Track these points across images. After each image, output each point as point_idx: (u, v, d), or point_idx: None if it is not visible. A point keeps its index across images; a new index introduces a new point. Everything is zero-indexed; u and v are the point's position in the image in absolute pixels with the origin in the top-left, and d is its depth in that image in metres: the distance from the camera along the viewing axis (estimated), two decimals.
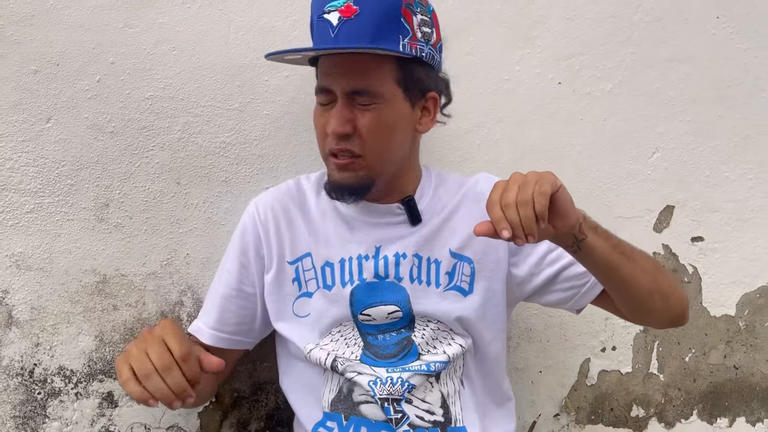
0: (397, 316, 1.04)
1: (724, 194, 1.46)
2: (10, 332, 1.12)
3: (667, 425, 1.47)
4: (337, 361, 1.03)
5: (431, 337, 1.05)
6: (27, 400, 1.13)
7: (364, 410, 1.03)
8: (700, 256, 1.47)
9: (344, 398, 1.04)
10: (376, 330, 1.04)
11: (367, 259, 1.04)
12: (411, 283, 1.04)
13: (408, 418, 1.03)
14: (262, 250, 1.07)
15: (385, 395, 1.02)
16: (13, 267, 1.12)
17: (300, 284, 1.06)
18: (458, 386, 1.07)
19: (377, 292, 1.04)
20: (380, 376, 1.02)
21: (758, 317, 1.51)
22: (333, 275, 1.05)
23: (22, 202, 1.11)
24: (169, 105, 1.17)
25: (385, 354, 1.04)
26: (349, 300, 1.04)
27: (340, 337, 1.05)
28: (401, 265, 1.04)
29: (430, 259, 1.05)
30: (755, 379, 1.52)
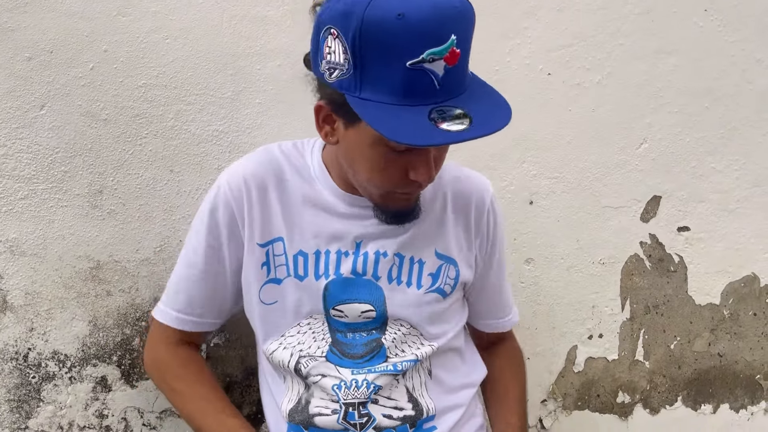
0: (370, 316, 0.98)
1: (710, 185, 1.46)
2: (5, 317, 1.11)
3: (653, 411, 1.48)
4: (300, 362, 0.98)
5: (401, 341, 1.00)
6: (21, 383, 1.13)
7: (318, 422, 0.98)
8: (686, 245, 1.47)
9: (301, 410, 0.99)
10: (346, 328, 0.99)
11: (347, 255, 0.98)
12: (389, 283, 0.99)
13: (374, 421, 0.97)
14: (237, 229, 0.98)
15: (350, 399, 0.97)
16: (7, 253, 1.11)
17: (269, 269, 0.98)
18: (425, 378, 1.02)
19: (352, 289, 0.98)
20: (345, 379, 0.97)
21: (742, 306, 1.52)
22: (306, 266, 0.98)
23: (16, 189, 1.10)
24: (162, 93, 1.16)
25: (352, 353, 0.99)
26: (322, 293, 0.98)
27: (308, 330, 0.99)
28: (380, 263, 0.98)
29: (414, 259, 1.00)
30: (739, 366, 1.53)
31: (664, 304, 1.47)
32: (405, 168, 0.87)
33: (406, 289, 0.99)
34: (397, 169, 0.87)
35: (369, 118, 0.79)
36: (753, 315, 1.52)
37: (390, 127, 0.78)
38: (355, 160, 0.90)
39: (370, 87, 0.80)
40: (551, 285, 1.40)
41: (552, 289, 1.40)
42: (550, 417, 1.42)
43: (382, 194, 0.93)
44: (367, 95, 0.80)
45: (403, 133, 0.77)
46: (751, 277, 1.51)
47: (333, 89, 0.83)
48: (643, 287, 1.45)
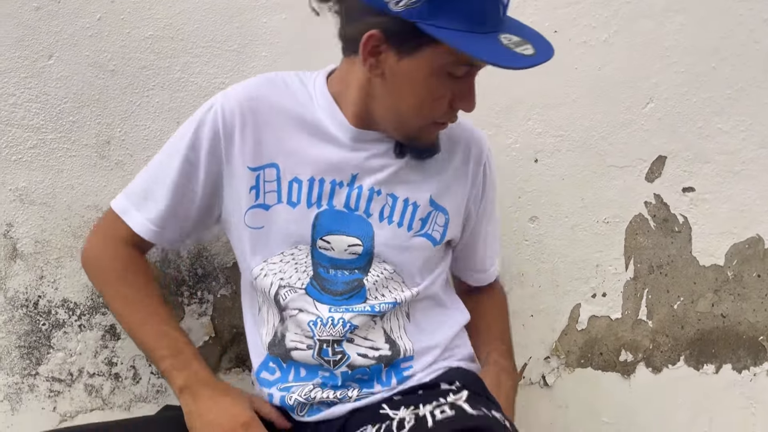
0: (356, 251, 0.97)
1: (716, 145, 1.45)
2: (15, 264, 1.12)
3: (655, 370, 1.48)
4: (280, 293, 0.97)
5: (382, 285, 0.98)
6: (32, 330, 1.14)
7: (295, 356, 0.98)
8: (690, 206, 1.46)
9: (278, 343, 0.99)
10: (330, 263, 0.97)
11: (341, 186, 0.96)
12: (380, 221, 0.97)
13: (348, 359, 0.96)
14: (219, 150, 0.95)
15: (325, 337, 0.96)
16: (17, 201, 1.12)
17: (258, 194, 0.96)
18: (403, 321, 1.01)
19: (343, 222, 0.96)
20: (321, 316, 0.96)
21: (746, 267, 1.51)
22: (300, 193, 0.96)
23: (25, 138, 1.11)
24: (169, 45, 1.15)
25: (332, 290, 0.97)
26: (312, 222, 0.96)
27: (291, 260, 0.97)
28: (373, 200, 0.97)
29: (408, 201, 0.99)
30: (742, 327, 1.52)
31: (668, 265, 1.46)
32: (453, 97, 0.91)
33: (396, 228, 0.98)
34: (446, 99, 0.90)
35: (455, 43, 0.81)
36: (757, 276, 1.52)
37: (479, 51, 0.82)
38: (404, 91, 0.90)
39: (444, 15, 0.81)
40: (555, 243, 1.39)
41: (556, 247, 1.40)
42: (552, 374, 1.42)
43: (422, 126, 0.94)
44: (441, 23, 0.82)
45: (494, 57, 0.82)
46: (755, 238, 1.50)
47: (392, 18, 0.83)
48: (648, 247, 1.44)
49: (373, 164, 0.97)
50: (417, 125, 0.94)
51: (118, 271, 0.99)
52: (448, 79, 0.88)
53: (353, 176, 0.97)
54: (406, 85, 0.89)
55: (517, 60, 0.82)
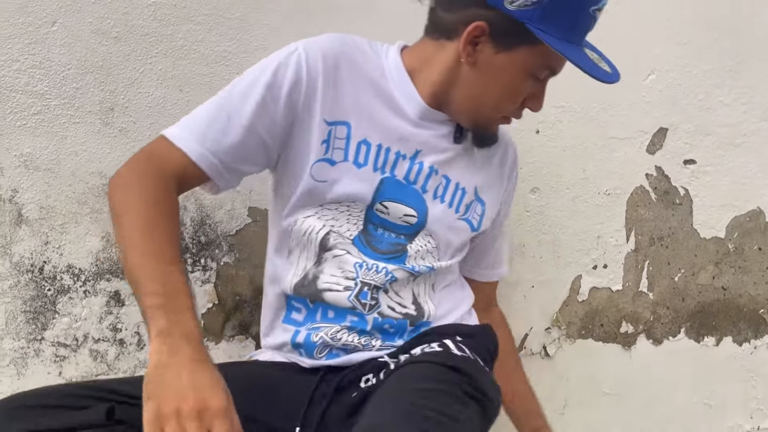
0: (409, 221, 1.01)
1: (717, 118, 1.45)
2: (20, 230, 1.13)
3: (655, 342, 1.48)
4: (330, 235, 0.98)
5: (423, 254, 1.02)
6: (37, 296, 1.15)
7: (327, 297, 0.98)
8: (691, 178, 1.46)
9: (308, 284, 0.99)
10: (381, 224, 1.00)
11: (404, 158, 0.99)
12: (433, 199, 1.02)
13: (379, 306, 0.99)
14: (298, 95, 0.93)
15: (367, 280, 0.99)
16: (22, 167, 1.12)
17: (328, 147, 0.96)
18: (428, 289, 1.05)
19: (402, 192, 1.00)
20: (366, 261, 0.99)
21: (747, 240, 1.51)
22: (367, 156, 0.98)
23: (29, 104, 1.11)
24: (172, 12, 1.16)
25: (376, 246, 1.00)
26: (376, 186, 0.98)
27: (346, 211, 0.99)
28: (431, 179, 1.01)
29: (459, 185, 1.03)
30: (743, 300, 1.52)
31: (669, 237, 1.46)
32: (525, 97, 0.98)
33: (446, 208, 1.03)
34: (521, 97, 0.98)
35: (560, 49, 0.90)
36: (758, 249, 1.52)
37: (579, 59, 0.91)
38: (491, 83, 0.96)
39: (550, 21, 0.89)
40: (557, 214, 1.40)
41: (557, 218, 1.40)
42: (553, 345, 1.43)
43: (493, 118, 1.00)
44: (545, 28, 0.90)
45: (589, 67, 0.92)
46: (756, 211, 1.50)
47: (500, 14, 0.89)
48: (649, 219, 1.45)
49: (435, 144, 1.01)
50: (490, 116, 1.00)
51: (149, 198, 0.88)
52: (530, 79, 0.96)
53: (417, 152, 1.00)
54: (495, 77, 0.95)
55: (602, 74, 0.94)
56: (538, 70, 0.95)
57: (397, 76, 1.00)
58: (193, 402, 0.72)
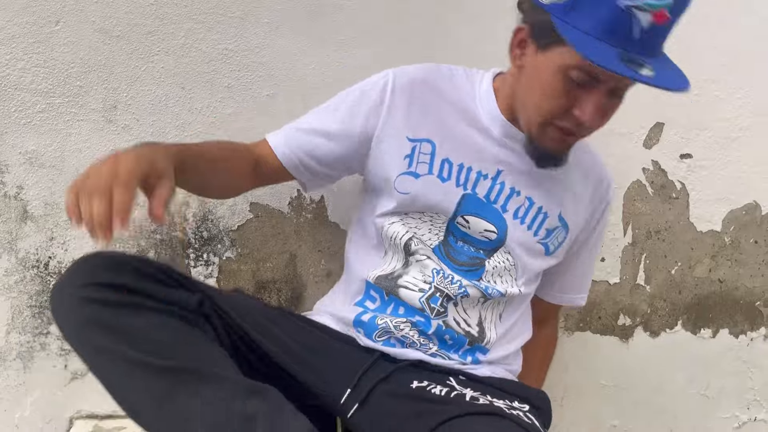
0: (489, 236, 1.02)
1: (713, 113, 1.46)
2: (26, 226, 1.15)
3: (653, 334, 1.50)
4: (412, 240, 1.02)
5: (500, 272, 1.04)
6: (43, 290, 1.16)
7: (402, 294, 1.02)
8: (688, 172, 1.47)
9: (391, 279, 1.04)
10: (462, 237, 1.03)
11: (486, 177, 1.02)
12: (514, 219, 1.03)
13: (446, 316, 1.02)
14: (375, 122, 1.01)
15: (441, 287, 1.02)
16: (27, 164, 1.14)
17: (411, 162, 1.01)
18: (495, 317, 1.07)
19: (483, 209, 1.02)
20: (444, 270, 1.02)
21: (743, 233, 1.52)
22: (450, 172, 1.02)
23: (33, 102, 1.13)
24: (174, 11, 1.17)
25: (455, 258, 1.03)
26: (458, 200, 1.01)
27: (429, 221, 1.03)
28: (512, 199, 1.03)
29: (541, 209, 1.04)
30: (739, 293, 1.54)
31: (666, 230, 1.48)
32: (572, 103, 0.91)
33: (526, 230, 1.04)
34: (566, 102, 0.91)
35: (572, 39, 0.83)
36: (754, 242, 1.53)
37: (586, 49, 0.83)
38: (533, 84, 0.93)
39: (578, 15, 0.85)
40: None
41: None
42: None
43: (541, 123, 0.95)
44: (575, 22, 0.85)
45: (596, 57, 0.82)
46: (752, 204, 1.51)
47: (540, 12, 0.88)
48: (646, 213, 1.46)
49: (517, 164, 1.02)
50: (537, 121, 0.95)
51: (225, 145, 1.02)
52: (569, 81, 0.90)
53: (498, 171, 1.02)
54: (535, 78, 0.93)
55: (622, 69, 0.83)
56: (572, 71, 0.88)
57: (484, 96, 1.03)
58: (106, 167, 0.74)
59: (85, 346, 0.80)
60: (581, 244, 1.15)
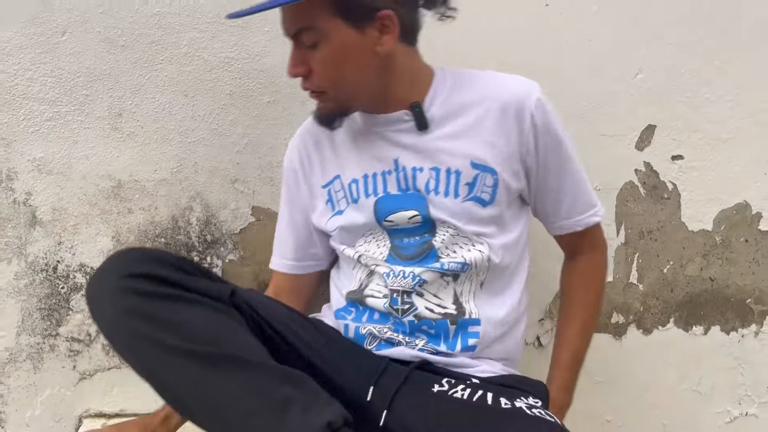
0: (417, 221, 1.05)
1: (704, 115, 1.49)
2: (35, 231, 1.18)
3: (645, 331, 1.53)
4: (363, 257, 1.08)
5: (450, 242, 1.05)
6: (51, 293, 1.20)
7: (369, 302, 1.07)
8: (679, 173, 1.51)
9: (358, 291, 1.09)
10: (403, 233, 1.06)
11: (390, 173, 1.05)
12: (428, 194, 1.04)
13: (415, 309, 1.04)
14: (300, 181, 1.13)
15: (396, 287, 1.05)
16: (35, 171, 1.17)
17: (333, 205, 1.10)
18: (475, 288, 1.07)
19: (399, 201, 1.05)
20: (394, 270, 1.05)
21: (734, 232, 1.55)
22: (358, 189, 1.07)
23: (41, 111, 1.16)
24: (176, 21, 1.20)
25: (407, 255, 1.06)
26: (372, 209, 1.06)
27: (372, 239, 1.09)
28: (418, 178, 1.04)
29: (450, 170, 1.03)
30: (730, 290, 1.57)
31: (658, 230, 1.51)
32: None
33: (443, 198, 1.04)
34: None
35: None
36: (744, 241, 1.56)
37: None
38: None
39: None
40: None
41: None
42: (547, 335, 1.47)
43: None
44: None
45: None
46: (742, 204, 1.55)
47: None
48: (638, 213, 1.49)
49: (408, 143, 1.04)
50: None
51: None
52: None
53: (395, 161, 1.04)
54: None
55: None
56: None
57: None
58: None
59: (125, 335, 0.84)
60: (541, 169, 1.08)
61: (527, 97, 1.04)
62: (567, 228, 1.16)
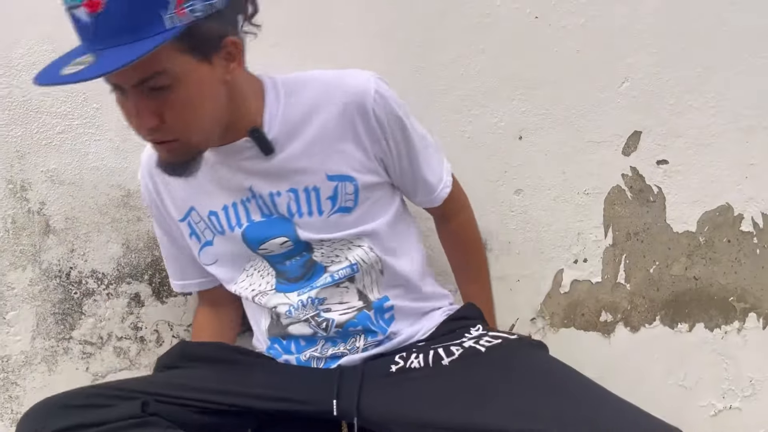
0: (289, 246, 1.02)
1: (687, 121, 1.54)
2: (48, 239, 1.23)
3: (633, 329, 1.59)
4: (257, 299, 1.07)
5: (330, 252, 1.04)
6: (65, 299, 1.25)
7: (292, 330, 1.06)
8: (664, 177, 1.57)
9: (276, 324, 1.08)
10: (281, 257, 1.04)
11: (249, 201, 1.01)
12: (291, 217, 1.01)
13: (333, 322, 1.04)
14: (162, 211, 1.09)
15: (304, 317, 1.05)
16: (49, 182, 1.22)
17: (198, 236, 1.05)
18: (376, 276, 1.06)
19: (266, 228, 1.02)
20: (293, 303, 1.04)
21: (717, 233, 1.62)
22: (219, 222, 1.03)
23: (54, 124, 1.21)
24: None
25: (293, 277, 1.05)
26: (241, 240, 1.03)
27: (254, 272, 1.07)
28: (278, 203, 1.00)
29: (308, 189, 0.99)
30: (713, 289, 1.63)
31: (644, 232, 1.57)
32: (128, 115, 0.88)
33: (308, 218, 1.01)
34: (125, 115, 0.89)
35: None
36: (727, 242, 1.62)
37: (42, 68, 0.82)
38: None
39: None
40: (539, 214, 1.50)
41: (540, 217, 1.50)
42: (538, 333, 1.53)
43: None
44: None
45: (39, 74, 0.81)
46: (725, 206, 1.61)
47: None
48: (625, 216, 1.55)
49: (258, 170, 0.99)
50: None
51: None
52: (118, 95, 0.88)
53: (251, 189, 1.00)
54: None
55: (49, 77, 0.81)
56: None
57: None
58: None
59: None
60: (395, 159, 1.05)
61: (365, 94, 0.98)
62: (427, 203, 1.17)
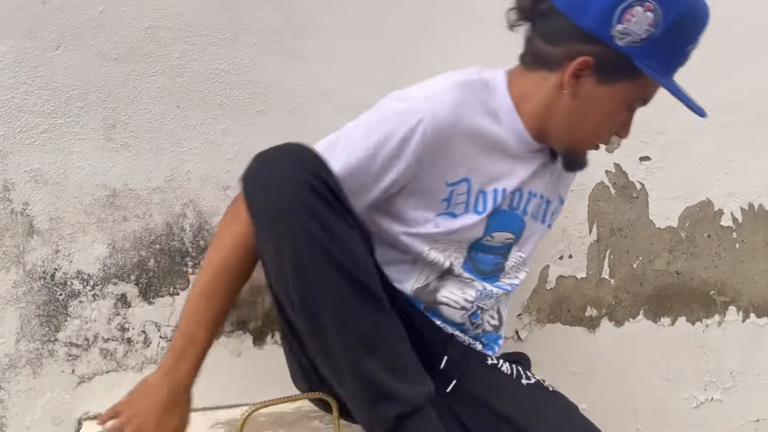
0: (507, 242, 1.11)
1: (669, 118, 1.57)
2: (32, 240, 1.21)
3: (617, 323, 1.62)
4: (453, 265, 1.07)
5: (515, 269, 1.16)
6: (50, 300, 1.23)
7: (443, 310, 1.09)
8: (647, 173, 1.60)
9: (429, 292, 1.08)
10: (484, 249, 1.10)
11: (514, 193, 1.09)
12: (533, 220, 1.14)
13: (483, 324, 1.14)
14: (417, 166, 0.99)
15: (482, 305, 1.11)
16: (32, 182, 1.20)
17: (449, 204, 1.04)
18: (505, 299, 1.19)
19: (505, 220, 1.09)
20: (485, 288, 1.10)
21: (698, 229, 1.65)
22: (485, 202, 1.06)
23: (37, 123, 1.19)
24: (168, 34, 1.24)
25: (482, 269, 1.11)
26: (486, 222, 1.07)
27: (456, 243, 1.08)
28: (531, 202, 1.11)
29: (550, 200, 1.15)
30: (695, 283, 1.67)
31: (628, 227, 1.60)
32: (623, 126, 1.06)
33: (539, 224, 1.16)
34: (616, 127, 1.05)
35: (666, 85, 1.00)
36: (707, 237, 1.66)
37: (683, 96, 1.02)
38: (590, 113, 1.02)
39: (652, 57, 0.97)
40: None
41: None
42: (525, 329, 1.55)
43: (588, 145, 1.08)
44: (648, 63, 0.97)
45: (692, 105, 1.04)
46: (705, 202, 1.64)
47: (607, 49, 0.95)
48: (609, 212, 1.58)
49: (534, 170, 1.09)
50: (587, 145, 1.08)
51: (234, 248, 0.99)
52: (625, 110, 1.04)
53: (520, 182, 1.09)
54: (596, 108, 1.02)
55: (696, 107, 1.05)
56: (635, 101, 1.03)
57: (508, 119, 1.04)
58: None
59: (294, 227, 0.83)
60: None
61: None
62: None
